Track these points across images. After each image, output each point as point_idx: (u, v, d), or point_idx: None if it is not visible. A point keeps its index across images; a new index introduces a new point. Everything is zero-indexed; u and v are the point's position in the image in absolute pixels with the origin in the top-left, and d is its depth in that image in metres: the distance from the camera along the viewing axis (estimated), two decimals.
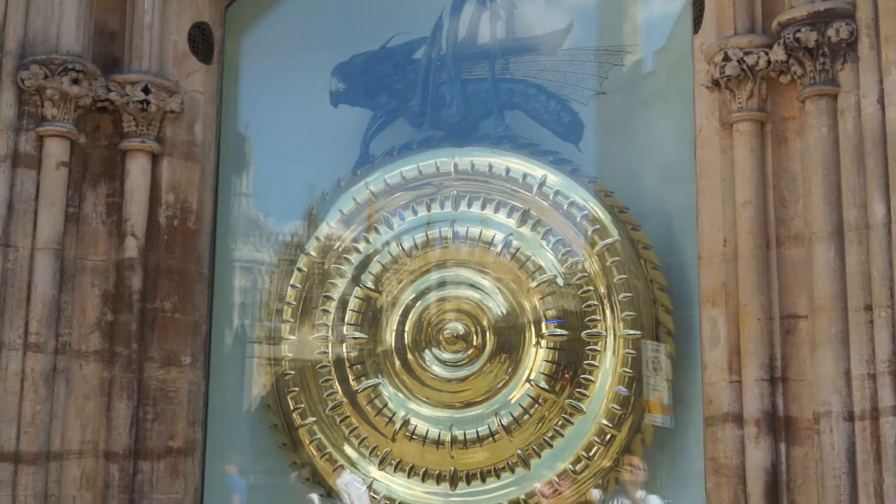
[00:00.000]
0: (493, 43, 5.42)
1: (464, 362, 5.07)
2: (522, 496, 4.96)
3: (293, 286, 5.31)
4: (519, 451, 4.95)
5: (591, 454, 4.92)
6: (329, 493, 5.22)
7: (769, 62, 4.37)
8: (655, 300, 4.99)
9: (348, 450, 5.15)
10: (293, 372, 5.26)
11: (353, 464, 5.13)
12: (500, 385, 5.03)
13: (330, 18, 5.61)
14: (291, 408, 5.22)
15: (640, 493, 4.83)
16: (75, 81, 4.79)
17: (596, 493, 4.94)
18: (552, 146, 5.25)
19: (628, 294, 4.94)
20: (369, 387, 5.12)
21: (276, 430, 5.33)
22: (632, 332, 4.91)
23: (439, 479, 5.03)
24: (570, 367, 4.95)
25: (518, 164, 5.16)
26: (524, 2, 5.43)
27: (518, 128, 5.32)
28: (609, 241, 5.00)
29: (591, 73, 5.26)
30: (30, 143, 4.79)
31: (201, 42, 5.38)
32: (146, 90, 5.01)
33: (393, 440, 5.07)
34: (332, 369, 5.18)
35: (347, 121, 5.55)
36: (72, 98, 4.80)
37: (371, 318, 5.17)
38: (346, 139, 5.51)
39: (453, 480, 5.01)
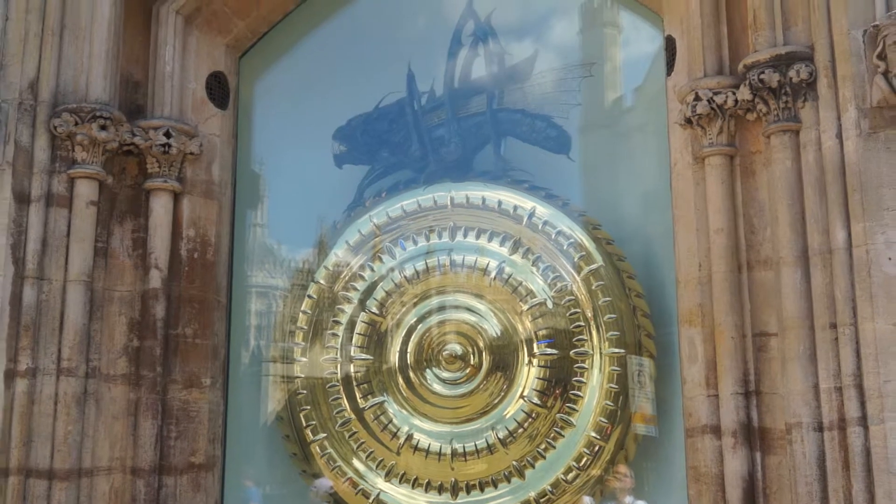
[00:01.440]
0: (487, 81, 5.43)
1: (462, 380, 5.05)
2: None
3: (304, 312, 5.30)
4: (514, 463, 4.93)
5: (581, 464, 4.88)
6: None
7: (736, 101, 4.40)
8: (638, 323, 4.98)
9: (356, 463, 5.12)
10: (305, 391, 5.23)
11: (361, 476, 5.09)
12: (495, 401, 5.01)
13: (333, 65, 5.61)
14: (304, 424, 5.20)
15: (628, 499, 4.84)
16: (103, 127, 4.82)
17: (587, 501, 4.92)
18: (545, 165, 5.27)
19: (612, 315, 4.93)
20: (375, 404, 5.10)
21: (289, 441, 5.31)
22: (616, 350, 4.90)
23: (441, 489, 5.00)
24: (560, 384, 4.93)
25: (509, 197, 5.16)
26: (512, 45, 5.42)
27: (513, 152, 5.33)
28: (594, 266, 4.99)
29: (567, 89, 5.29)
30: (62, 185, 4.81)
31: (217, 89, 5.41)
32: (168, 134, 5.04)
33: (398, 454, 5.05)
34: (341, 388, 5.16)
35: None
36: (100, 143, 4.83)
37: (376, 340, 5.16)
38: (353, 174, 5.53)
39: (454, 491, 4.99)
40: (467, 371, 5.06)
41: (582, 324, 4.96)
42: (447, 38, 5.47)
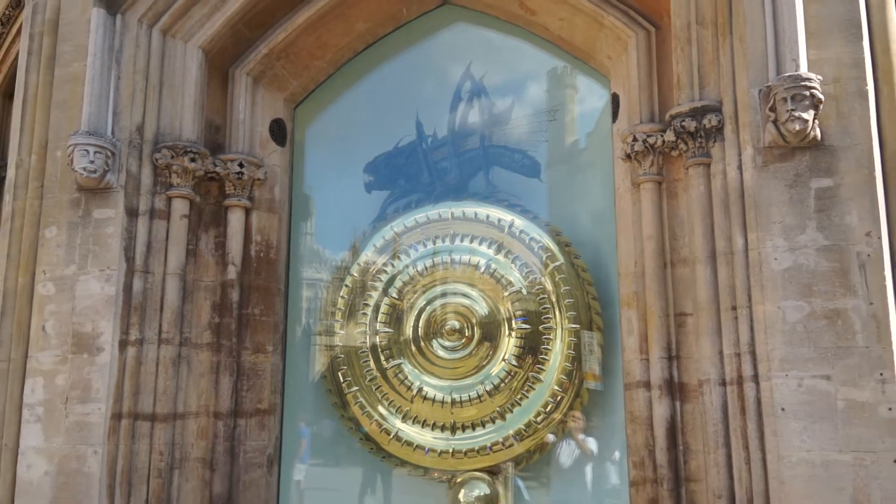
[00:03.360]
0: (479, 125, 5.43)
1: (459, 348, 5.05)
2: (500, 439, 4.93)
3: (342, 297, 5.30)
4: (498, 409, 4.94)
5: (547, 410, 4.90)
6: (363, 438, 5.21)
7: (664, 142, 4.42)
8: (590, 305, 4.98)
9: (380, 409, 5.13)
10: (342, 356, 5.24)
11: (384, 419, 5.09)
12: (484, 363, 5.02)
13: (363, 115, 5.61)
14: (341, 380, 5.21)
15: (580, 436, 4.88)
16: (192, 160, 4.87)
17: (551, 437, 4.94)
18: (522, 190, 5.27)
19: (571, 299, 4.94)
20: (395, 365, 5.11)
21: (331, 393, 5.32)
22: (573, 325, 4.91)
23: (443, 428, 5.02)
24: (532, 351, 4.94)
25: (495, 212, 5.17)
26: (498, 101, 5.43)
27: (498, 177, 5.33)
28: (557, 263, 5.00)
29: (537, 130, 5.31)
30: (162, 202, 4.85)
31: (278, 132, 5.44)
32: (241, 165, 5.09)
33: (411, 402, 5.06)
34: (369, 353, 5.16)
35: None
36: (190, 171, 4.88)
37: (396, 318, 5.16)
38: (378, 197, 5.55)
39: (453, 429, 5.01)
40: (463, 341, 5.06)
41: (548, 306, 4.97)
42: (449, 95, 5.49)
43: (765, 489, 3.78)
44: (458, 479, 4.99)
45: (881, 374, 3.62)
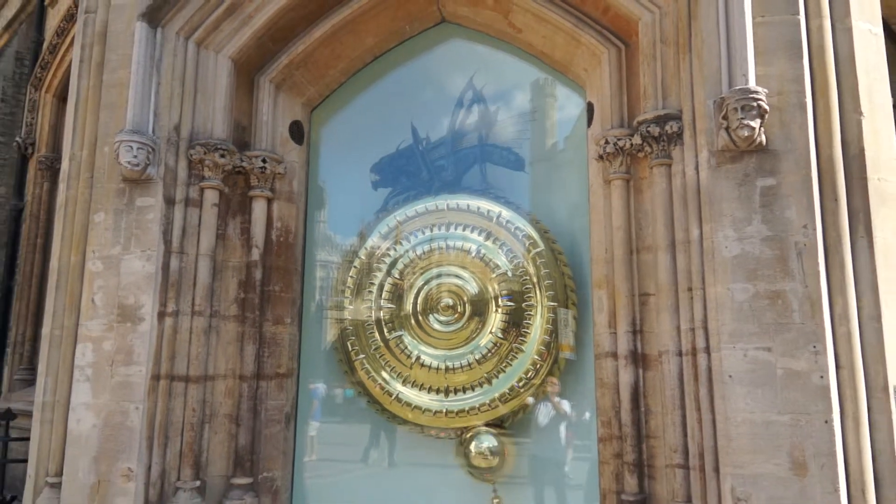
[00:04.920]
0: (475, 127, 5.43)
1: (452, 322, 5.07)
2: (487, 401, 4.95)
3: (351, 277, 5.31)
4: (485, 375, 4.97)
5: (528, 376, 4.93)
6: (369, 400, 5.22)
7: (632, 145, 4.45)
8: (566, 286, 5.00)
9: (383, 374, 5.15)
10: (351, 328, 5.26)
11: (386, 382, 5.11)
12: (474, 335, 5.04)
13: (370, 120, 5.60)
14: (350, 349, 5.23)
15: (556, 399, 4.92)
16: (222, 156, 4.89)
17: (531, 400, 4.96)
18: (509, 185, 5.26)
19: (549, 281, 4.96)
20: (396, 336, 5.13)
21: (340, 361, 5.34)
22: (551, 303, 4.94)
23: (437, 391, 5.04)
24: (515, 325, 4.96)
25: (484, 204, 5.18)
26: (492, 107, 5.42)
27: (489, 173, 5.32)
28: (538, 249, 5.02)
29: (522, 129, 5.31)
30: (195, 193, 4.87)
31: (296, 132, 5.46)
32: (264, 161, 5.11)
33: (410, 368, 5.09)
34: (374, 326, 5.18)
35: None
36: (220, 166, 4.90)
37: (398, 295, 5.17)
38: (382, 192, 5.55)
39: (446, 392, 5.03)
40: (456, 316, 5.08)
41: (530, 286, 4.98)
42: (446, 102, 5.48)
43: (714, 445, 3.85)
44: (468, 434, 4.99)
45: (814, 347, 3.69)
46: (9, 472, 6.39)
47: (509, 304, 4.97)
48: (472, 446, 4.97)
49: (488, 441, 4.97)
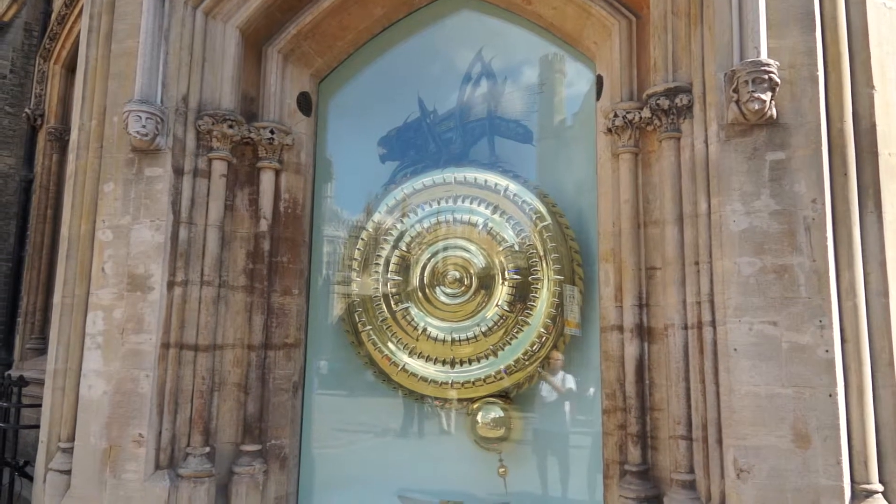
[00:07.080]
0: (484, 99, 5.38)
1: (459, 295, 5.08)
2: (492, 373, 4.99)
3: (358, 250, 5.31)
4: (491, 347, 5.00)
5: (533, 349, 4.95)
6: (376, 371, 5.25)
7: (641, 118, 4.42)
8: (573, 260, 4.99)
9: (390, 345, 5.18)
10: (358, 300, 5.28)
11: (393, 353, 5.14)
12: (480, 308, 5.05)
13: (378, 92, 5.56)
14: (357, 321, 5.26)
15: (561, 372, 4.96)
16: (230, 126, 4.88)
17: (537, 371, 4.97)
18: (516, 158, 5.23)
19: (556, 255, 4.95)
20: (403, 308, 5.15)
21: (348, 333, 5.37)
22: (558, 276, 4.94)
23: (444, 363, 5.08)
24: (521, 298, 4.97)
25: (492, 177, 5.16)
26: (499, 80, 5.38)
27: (497, 146, 5.29)
28: (545, 223, 5.01)
29: (531, 101, 5.28)
30: (203, 163, 4.87)
31: (304, 103, 5.43)
32: (272, 132, 5.09)
33: (417, 340, 5.11)
34: (381, 299, 5.20)
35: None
36: (228, 136, 4.90)
37: (404, 268, 5.18)
38: (390, 165, 5.53)
39: (452, 364, 5.06)
40: (462, 289, 5.09)
41: (536, 260, 4.98)
42: (454, 74, 5.44)
43: (717, 417, 3.86)
44: (475, 405, 5.03)
45: (820, 321, 3.68)
46: (21, 437, 6.48)
47: (516, 277, 4.97)
48: (479, 417, 5.01)
49: (494, 412, 5.01)
